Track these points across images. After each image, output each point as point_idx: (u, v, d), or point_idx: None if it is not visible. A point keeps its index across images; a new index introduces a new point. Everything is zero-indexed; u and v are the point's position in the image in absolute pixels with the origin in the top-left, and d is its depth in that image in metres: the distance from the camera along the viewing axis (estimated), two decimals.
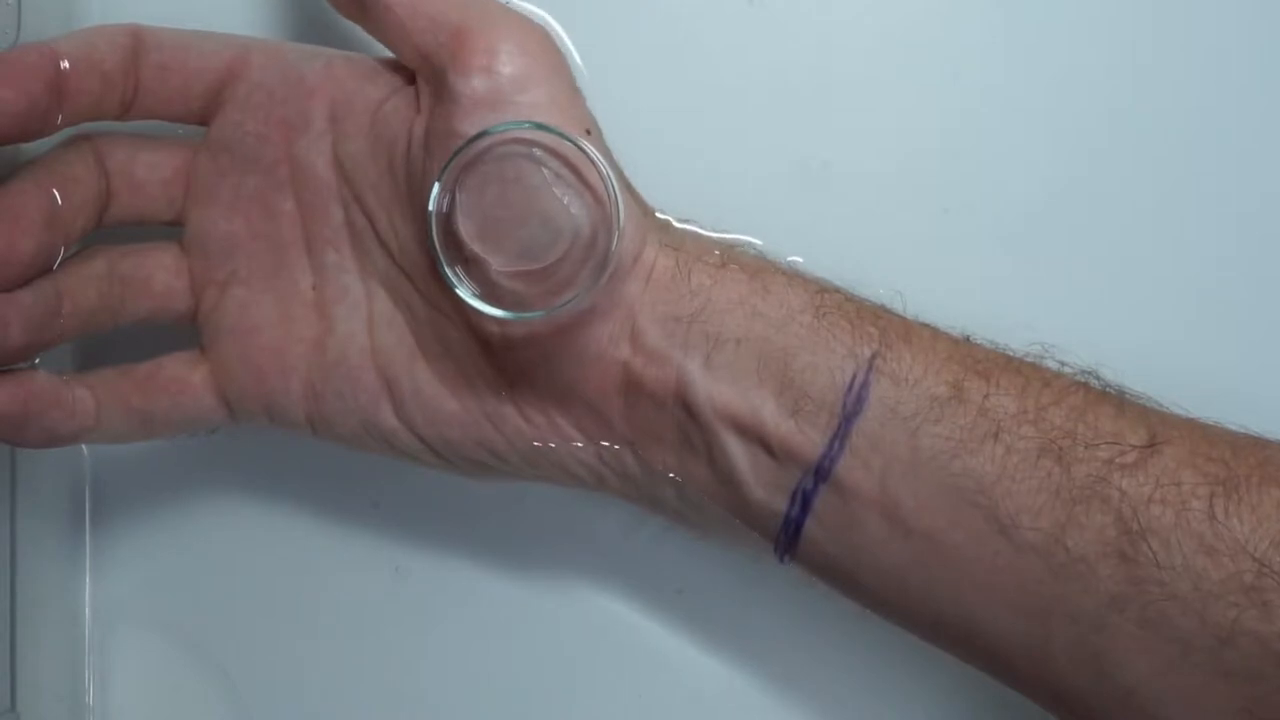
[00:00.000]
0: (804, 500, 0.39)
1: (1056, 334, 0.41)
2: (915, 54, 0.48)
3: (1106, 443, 0.37)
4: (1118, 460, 0.37)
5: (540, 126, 0.38)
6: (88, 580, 0.49)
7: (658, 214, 0.43)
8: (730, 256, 0.41)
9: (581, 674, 0.49)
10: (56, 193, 0.40)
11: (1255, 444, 0.38)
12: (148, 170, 0.43)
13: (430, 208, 0.39)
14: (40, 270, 0.40)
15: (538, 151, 0.39)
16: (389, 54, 0.42)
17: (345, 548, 0.49)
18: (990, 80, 0.48)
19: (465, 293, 0.39)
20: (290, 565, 0.49)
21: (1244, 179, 0.47)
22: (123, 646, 0.50)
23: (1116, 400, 0.39)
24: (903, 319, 0.41)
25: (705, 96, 0.48)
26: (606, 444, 0.41)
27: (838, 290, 0.41)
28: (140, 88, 0.41)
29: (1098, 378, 0.40)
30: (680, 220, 0.44)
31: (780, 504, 0.39)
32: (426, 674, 0.49)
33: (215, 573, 0.50)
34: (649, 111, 0.47)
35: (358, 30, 0.42)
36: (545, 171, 0.39)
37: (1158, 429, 0.38)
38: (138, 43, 0.41)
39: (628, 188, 0.42)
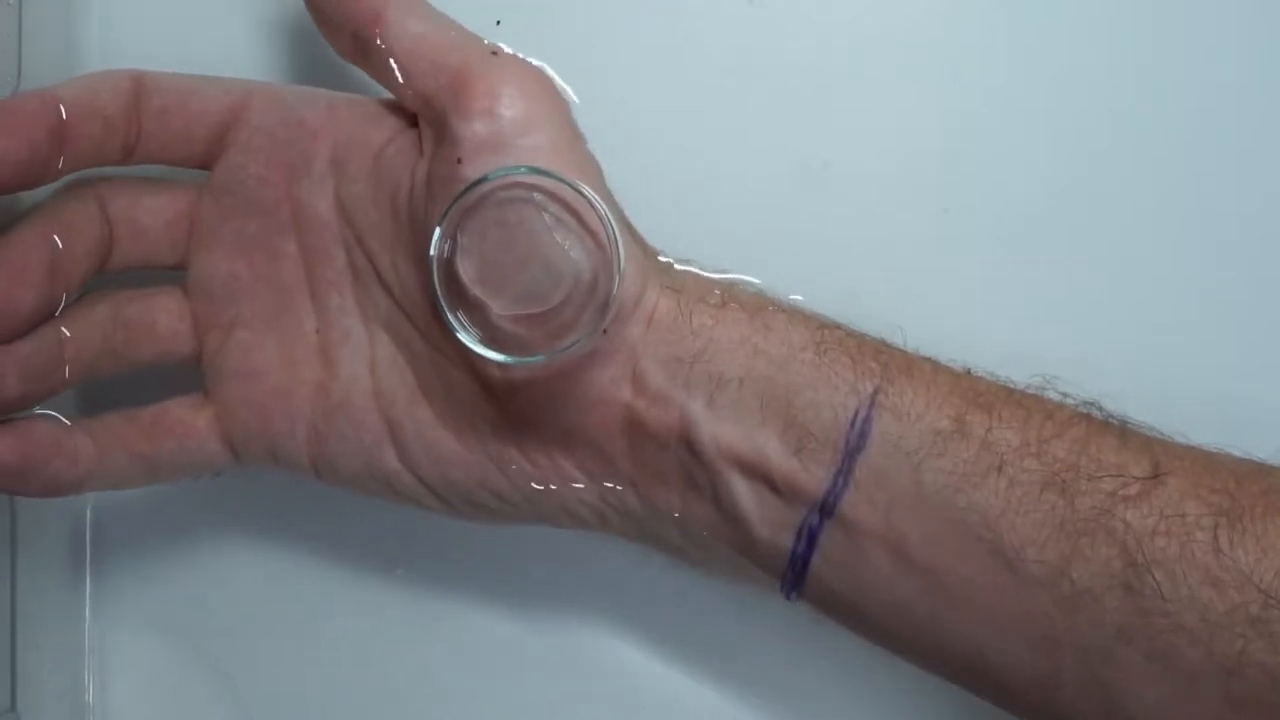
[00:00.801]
0: (810, 537, 0.39)
1: (1056, 333, 0.42)
2: (915, 54, 0.48)
3: (1110, 475, 0.37)
4: (1121, 492, 0.37)
5: (540, 171, 0.38)
6: (88, 580, 0.50)
7: (660, 257, 0.43)
8: (730, 295, 0.41)
9: (581, 679, 0.49)
10: (58, 242, 0.40)
11: (1259, 472, 0.38)
12: (150, 215, 0.43)
13: (432, 253, 0.39)
14: (41, 320, 0.40)
15: (538, 196, 0.39)
16: (391, 95, 0.42)
17: (346, 551, 0.50)
18: (990, 80, 0.48)
19: (467, 338, 0.39)
20: (290, 568, 0.50)
21: (1245, 179, 0.47)
22: (123, 646, 0.50)
23: (1119, 431, 0.39)
24: (904, 353, 0.41)
25: (705, 96, 0.48)
26: (610, 485, 0.41)
27: (839, 326, 0.41)
28: (142, 133, 0.41)
29: (1100, 409, 0.40)
30: (680, 260, 0.44)
31: (786, 541, 0.40)
32: (427, 675, 0.49)
33: (215, 574, 0.50)
34: (649, 111, 0.47)
35: (360, 72, 0.42)
36: (546, 216, 0.39)
37: (1161, 459, 0.38)
38: (139, 87, 0.41)
39: (628, 229, 0.41)
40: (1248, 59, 0.47)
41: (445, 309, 0.39)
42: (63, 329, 0.41)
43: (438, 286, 0.39)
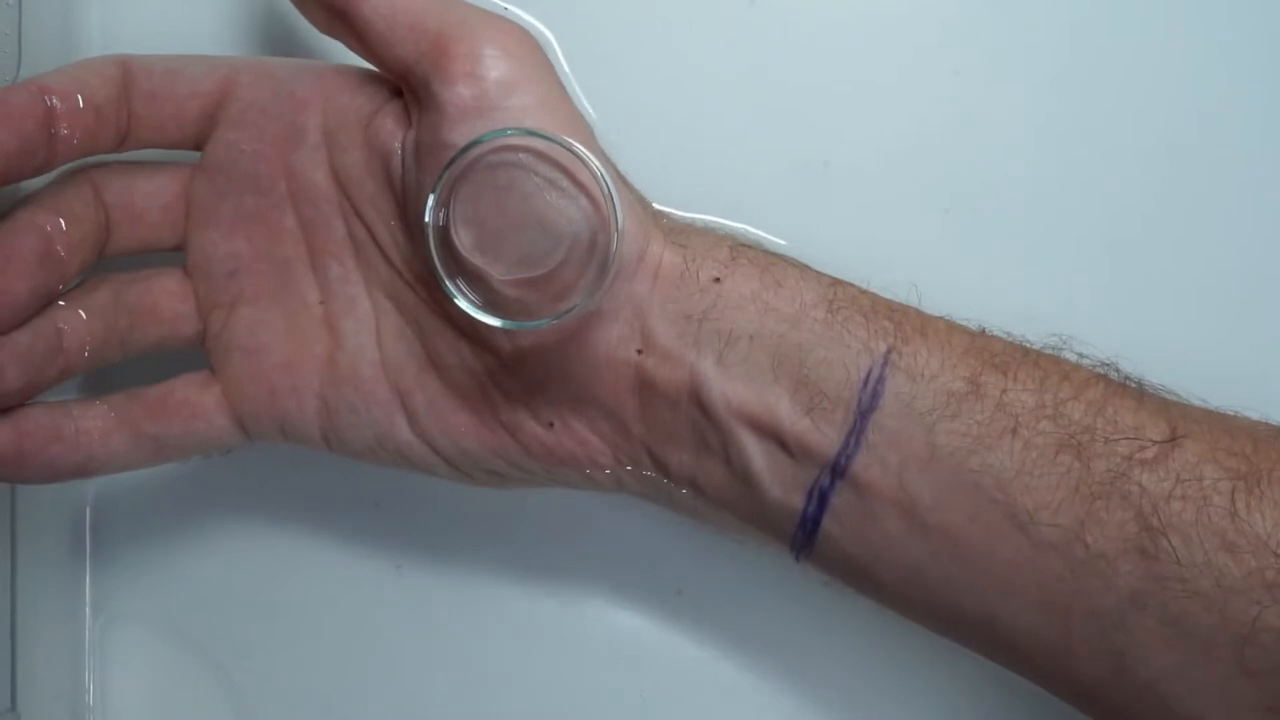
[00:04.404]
0: (821, 498, 0.39)
1: (1060, 331, 0.41)
2: (915, 54, 0.48)
3: (1126, 438, 0.37)
4: (1138, 456, 0.37)
5: (529, 132, 0.38)
6: (88, 580, 0.49)
7: (657, 206, 0.43)
8: (739, 251, 0.40)
9: (582, 674, 0.49)
10: (53, 231, 0.40)
11: (1277, 435, 0.38)
12: (146, 199, 0.42)
13: (426, 220, 0.38)
14: (36, 310, 0.40)
15: (529, 157, 0.38)
16: None
17: (347, 547, 0.49)
18: (990, 79, 0.47)
19: (466, 304, 0.38)
20: (291, 564, 0.49)
21: (1244, 173, 0.47)
22: (123, 646, 0.49)
23: (1136, 393, 0.39)
24: (918, 312, 0.40)
25: (705, 97, 0.48)
26: (623, 447, 0.41)
27: (850, 284, 0.40)
28: (133, 117, 0.41)
29: (1117, 369, 0.40)
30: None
31: (797, 502, 0.39)
32: (427, 673, 0.49)
33: (215, 572, 0.49)
34: (650, 113, 0.47)
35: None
36: (538, 177, 0.38)
37: (1178, 422, 0.37)
38: (127, 73, 0.40)
39: (625, 186, 0.41)
40: (1251, 50, 0.47)
41: (443, 276, 0.38)
42: (64, 318, 0.41)
43: (434, 254, 0.38)
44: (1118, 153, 0.47)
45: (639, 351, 0.40)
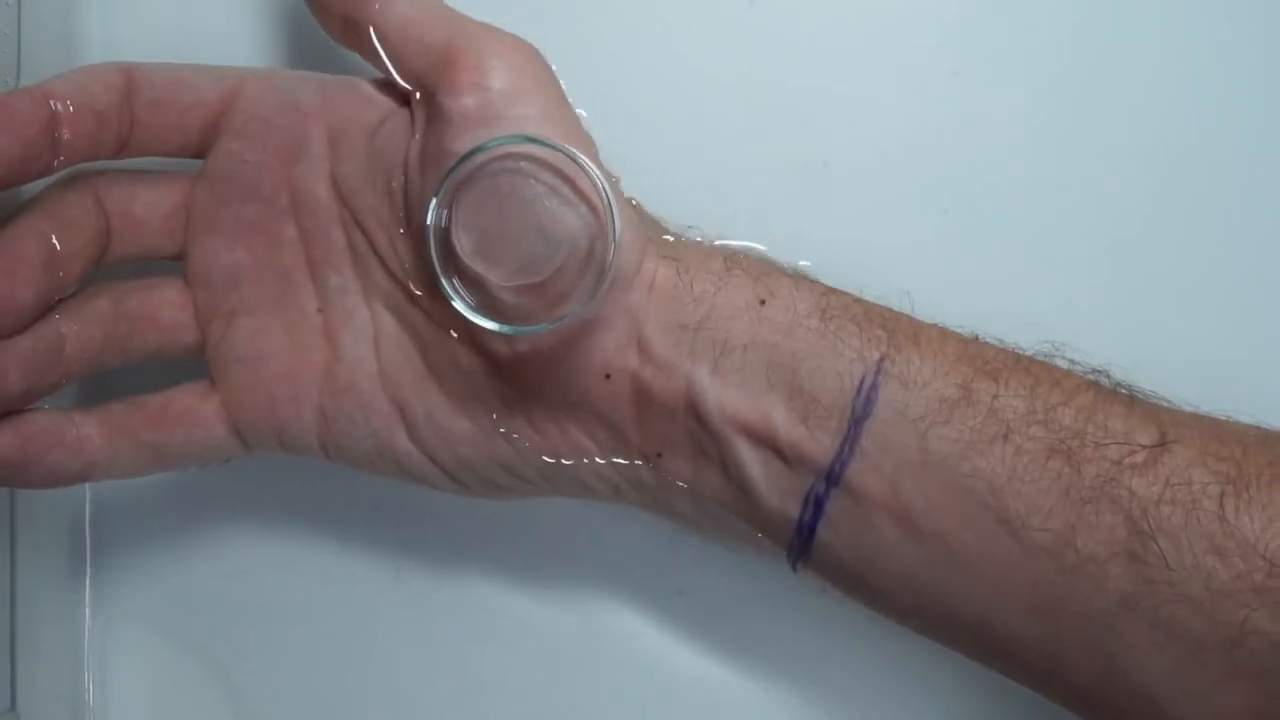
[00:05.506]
0: (816, 505, 0.39)
1: (1057, 332, 0.41)
2: (915, 54, 0.47)
3: (1116, 442, 0.37)
4: (1127, 460, 0.37)
5: (532, 140, 0.38)
6: (88, 580, 0.50)
7: (660, 222, 0.43)
8: (734, 262, 0.40)
9: (582, 677, 0.49)
10: (55, 237, 0.40)
11: (1266, 440, 0.38)
12: (147, 207, 0.42)
13: (428, 222, 0.38)
14: (39, 315, 0.40)
15: (530, 164, 0.39)
16: (382, 76, 0.42)
17: (345, 551, 0.49)
18: (990, 79, 0.47)
19: (463, 306, 0.39)
20: (290, 568, 0.49)
21: (1244, 174, 0.47)
22: (123, 646, 0.50)
23: (1126, 399, 0.39)
24: (911, 319, 0.40)
25: (705, 98, 0.48)
26: (620, 455, 0.41)
27: (844, 292, 0.41)
28: (135, 125, 0.41)
29: (1108, 376, 0.40)
30: (683, 225, 0.44)
31: (793, 509, 0.39)
32: (426, 677, 0.49)
33: (215, 574, 0.50)
34: (648, 114, 0.47)
35: (357, 57, 0.42)
36: (539, 184, 0.39)
37: (1168, 427, 0.38)
38: (130, 81, 0.41)
39: (624, 200, 0.41)
40: (1251, 51, 0.47)
41: (441, 276, 0.39)
42: (64, 323, 0.41)
43: (435, 257, 0.39)
44: (1117, 154, 0.47)
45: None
